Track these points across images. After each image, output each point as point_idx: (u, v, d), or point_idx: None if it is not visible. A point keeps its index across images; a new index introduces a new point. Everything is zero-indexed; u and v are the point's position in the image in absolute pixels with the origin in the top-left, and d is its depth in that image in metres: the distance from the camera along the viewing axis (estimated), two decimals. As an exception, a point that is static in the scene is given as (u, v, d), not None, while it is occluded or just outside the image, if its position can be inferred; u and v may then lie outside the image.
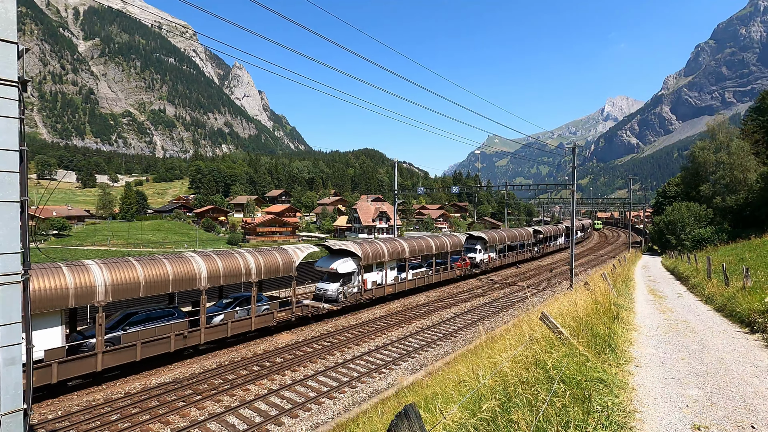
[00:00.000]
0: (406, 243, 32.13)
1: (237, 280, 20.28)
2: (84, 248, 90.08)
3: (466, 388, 6.29)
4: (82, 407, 14.07)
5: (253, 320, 20.94)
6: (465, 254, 41.94)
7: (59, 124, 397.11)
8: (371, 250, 28.50)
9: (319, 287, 26.84)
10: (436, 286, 36.62)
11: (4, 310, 6.64)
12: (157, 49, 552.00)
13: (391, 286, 30.38)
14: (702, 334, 10.47)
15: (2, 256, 6.63)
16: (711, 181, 53.33)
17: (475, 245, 43.54)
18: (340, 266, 26.66)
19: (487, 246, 44.08)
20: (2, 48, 6.58)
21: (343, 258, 27.36)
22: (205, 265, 19.21)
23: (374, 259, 28.55)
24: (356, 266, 27.50)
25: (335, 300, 26.20)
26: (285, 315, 22.88)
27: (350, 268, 27.09)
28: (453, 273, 37.80)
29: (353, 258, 27.64)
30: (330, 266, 26.69)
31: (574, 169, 33.08)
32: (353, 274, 27.53)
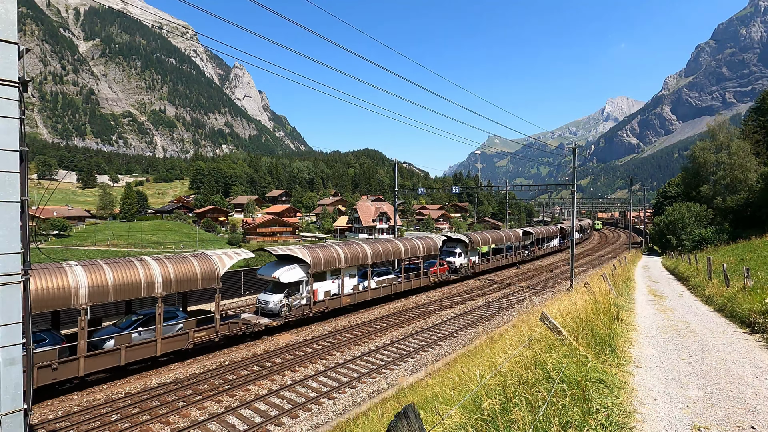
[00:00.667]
0: (369, 247, 28.71)
1: (134, 294, 16.57)
2: (84, 248, 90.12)
3: (466, 389, 6.30)
4: (83, 407, 14.07)
5: (159, 343, 17.22)
6: (443, 258, 39.11)
7: (60, 124, 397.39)
8: (323, 256, 25.11)
9: (260, 299, 23.45)
10: (406, 294, 32.94)
11: (4, 310, 6.65)
12: (158, 49, 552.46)
13: (349, 297, 26.86)
14: (702, 334, 10.46)
15: (2, 256, 6.64)
16: (711, 181, 53.29)
17: (455, 248, 40.37)
18: (283, 275, 23.03)
19: (468, 249, 40.91)
20: (3, 48, 6.59)
21: (288, 265, 23.81)
22: (87, 277, 15.26)
23: (327, 265, 25.22)
24: (304, 274, 23.95)
25: (277, 314, 22.71)
26: (205, 335, 18.92)
27: (296, 277, 23.56)
28: (426, 280, 34.37)
29: (301, 265, 24.06)
30: (272, 275, 23.16)
31: (574, 169, 33.08)
32: (301, 283, 24.04)
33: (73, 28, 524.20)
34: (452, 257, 39.96)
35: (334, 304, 25.83)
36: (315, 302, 24.56)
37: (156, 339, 17.24)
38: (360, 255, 27.67)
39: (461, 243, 40.78)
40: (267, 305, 22.84)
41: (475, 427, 4.50)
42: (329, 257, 25.51)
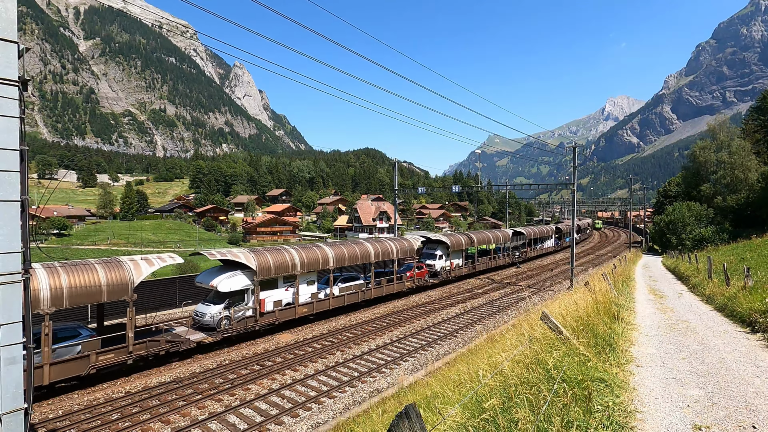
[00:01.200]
0: (332, 250, 25.81)
1: None
2: (84, 248, 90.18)
3: (467, 388, 6.29)
4: (83, 406, 14.08)
5: (47, 369, 14.27)
6: (423, 261, 36.95)
7: (60, 123, 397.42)
8: (273, 261, 22.25)
9: (197, 311, 20.82)
10: (377, 302, 30.06)
11: (4, 309, 6.65)
12: (158, 48, 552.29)
13: (306, 306, 23.95)
14: (703, 334, 10.46)
15: (3, 255, 6.64)
16: (712, 180, 53.27)
17: (435, 251, 37.79)
18: (222, 282, 20.18)
19: (449, 251, 38.21)
20: (3, 47, 6.58)
21: (229, 271, 20.97)
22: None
23: (278, 271, 22.39)
24: (249, 282, 21.10)
25: (214, 328, 19.88)
26: (113, 357, 16.10)
27: (239, 285, 20.69)
28: (401, 285, 31.48)
29: (245, 271, 21.16)
30: (210, 282, 20.39)
31: (574, 168, 33.06)
32: (245, 292, 21.25)
33: (73, 27, 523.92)
34: (432, 260, 37.28)
35: (287, 314, 22.82)
36: (262, 314, 21.68)
37: (43, 364, 14.19)
38: (319, 259, 24.76)
39: (442, 245, 38.27)
40: (203, 318, 20.14)
41: (476, 426, 4.50)
42: (281, 262, 22.58)
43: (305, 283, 24.63)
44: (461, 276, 40.64)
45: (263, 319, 21.75)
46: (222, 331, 19.65)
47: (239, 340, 21.21)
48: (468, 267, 41.22)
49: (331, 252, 25.78)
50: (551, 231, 66.39)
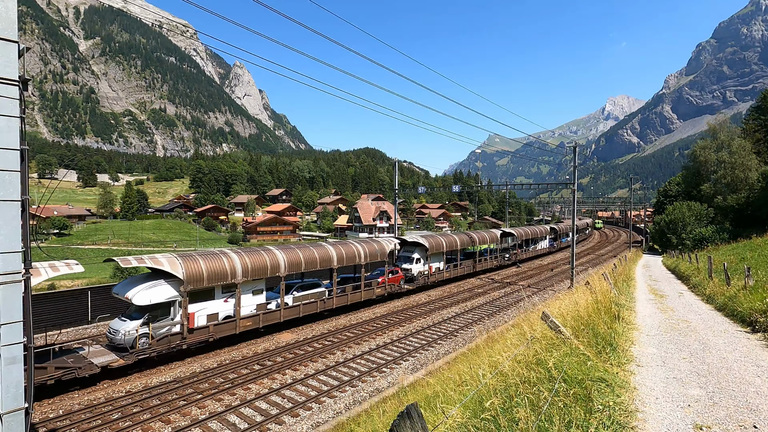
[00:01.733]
0: (284, 254, 22.90)
1: None
2: (85, 247, 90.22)
3: (468, 388, 6.29)
4: (83, 406, 14.09)
5: None
6: (399, 265, 34.40)
7: (60, 123, 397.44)
8: (207, 267, 19.12)
9: (111, 327, 17.70)
10: (340, 311, 27.19)
11: (5, 308, 6.65)
12: (158, 48, 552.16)
13: (250, 319, 21.00)
14: (703, 333, 10.45)
15: (3, 255, 6.64)
16: (712, 180, 53.25)
17: (412, 254, 34.99)
18: (139, 294, 17.20)
19: (428, 254, 35.33)
20: (3, 47, 6.57)
21: (150, 281, 18.02)
22: None
23: (214, 279, 19.40)
24: (175, 293, 18.18)
25: (129, 347, 16.84)
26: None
27: (161, 297, 17.77)
28: (371, 292, 28.65)
29: (170, 280, 18.22)
30: (125, 294, 17.32)
31: (575, 168, 33.04)
32: (170, 305, 18.27)
33: (73, 26, 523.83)
34: (409, 263, 34.53)
35: (225, 329, 19.95)
36: (192, 330, 18.74)
37: None
38: (267, 265, 21.74)
39: (420, 247, 35.40)
40: (116, 335, 17.10)
41: (477, 426, 4.49)
42: (217, 270, 19.53)
43: (250, 293, 21.51)
44: (441, 281, 37.56)
45: (193, 336, 18.68)
46: (137, 351, 16.76)
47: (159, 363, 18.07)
48: (449, 271, 38.28)
49: (283, 256, 22.77)
50: (545, 231, 63.44)
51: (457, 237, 39.96)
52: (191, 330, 18.75)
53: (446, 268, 38.11)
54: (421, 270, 35.01)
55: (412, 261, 34.69)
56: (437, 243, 36.42)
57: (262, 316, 21.57)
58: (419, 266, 34.90)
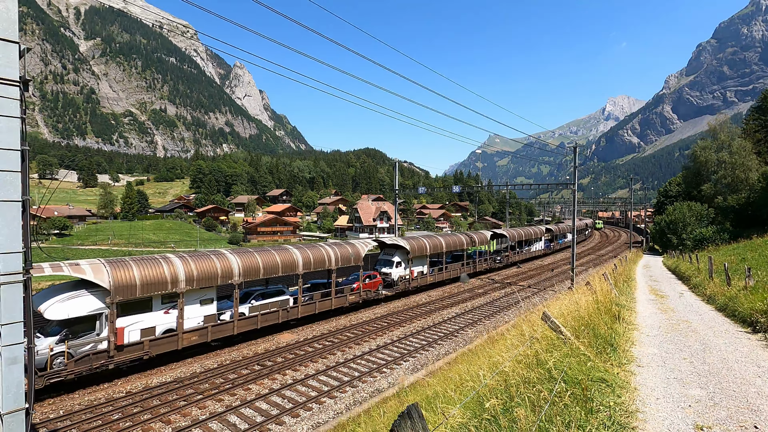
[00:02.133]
0: (239, 259, 20.53)
1: None
2: (85, 248, 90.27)
3: (468, 388, 6.29)
4: (84, 406, 14.09)
5: None
6: (378, 269, 32.60)
7: (60, 123, 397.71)
8: (141, 275, 16.81)
9: None
10: (310, 321, 24.96)
11: (6, 309, 6.65)
12: (158, 48, 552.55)
13: (196, 333, 18.61)
14: (704, 334, 10.45)
15: (4, 255, 6.65)
16: (712, 180, 53.23)
17: (392, 257, 32.80)
18: (53, 307, 14.93)
19: (410, 257, 32.76)
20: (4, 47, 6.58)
21: (71, 292, 15.83)
22: None
23: (150, 289, 17.03)
24: (101, 305, 15.89)
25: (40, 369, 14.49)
26: None
27: (82, 310, 15.53)
28: (343, 300, 26.25)
29: (93, 290, 15.95)
30: (38, 307, 14.93)
31: (575, 168, 33.03)
32: (96, 318, 16.03)
33: (73, 27, 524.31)
34: (388, 267, 32.35)
35: (164, 345, 17.55)
36: (121, 346, 16.23)
37: None
38: (217, 272, 19.32)
39: (400, 250, 33.13)
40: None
41: (477, 426, 4.49)
42: (153, 278, 17.14)
43: (197, 303, 19.14)
44: (424, 286, 35.15)
45: (123, 354, 16.25)
46: (48, 374, 14.14)
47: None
48: (434, 275, 35.78)
49: (237, 262, 20.33)
50: (540, 233, 60.55)
51: (442, 239, 37.30)
52: (120, 347, 16.19)
53: (431, 272, 35.67)
54: (402, 274, 32.68)
55: (392, 264, 32.42)
56: (420, 245, 33.93)
57: (211, 328, 19.14)
58: (400, 270, 32.66)
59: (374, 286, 29.69)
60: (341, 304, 26.29)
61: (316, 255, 24.68)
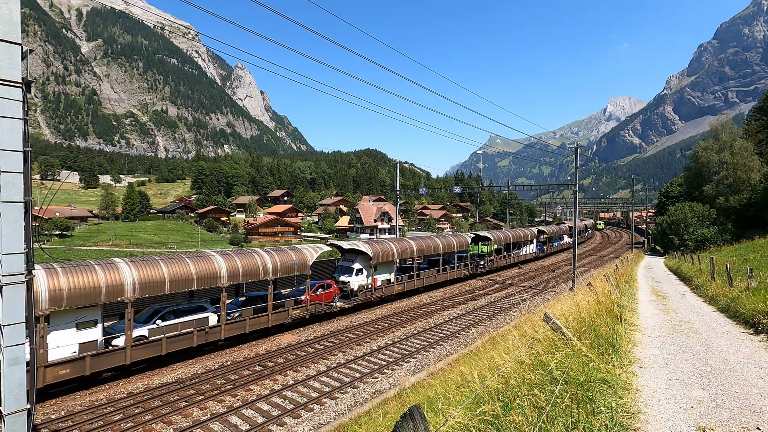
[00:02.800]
0: (134, 271, 16.57)
1: None
2: (87, 248, 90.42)
3: (469, 389, 6.28)
4: (85, 407, 14.11)
5: None
6: (337, 276, 29.08)
7: (62, 124, 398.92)
8: None
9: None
10: (240, 341, 21.13)
11: (8, 310, 6.67)
12: (160, 49, 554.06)
13: (67, 366, 14.71)
14: (706, 335, 10.42)
15: (6, 256, 6.66)
16: (714, 181, 53.12)
17: (352, 263, 28.96)
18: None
19: (373, 264, 28.89)
20: (6, 49, 6.61)
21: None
22: None
23: None
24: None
25: None
26: None
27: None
28: (282, 316, 22.26)
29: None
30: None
31: (576, 169, 33.02)
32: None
33: (75, 28, 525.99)
34: (348, 275, 28.54)
35: None
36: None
37: None
38: (100, 288, 15.51)
39: (362, 255, 29.35)
40: None
41: (478, 427, 4.49)
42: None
43: (72, 327, 15.41)
44: (390, 296, 31.40)
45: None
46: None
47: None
48: (403, 284, 31.87)
49: (131, 274, 16.43)
50: (531, 235, 56.11)
51: (413, 242, 33.69)
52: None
53: (400, 280, 31.97)
54: (363, 283, 28.82)
55: (351, 272, 28.47)
56: (385, 250, 29.92)
57: (90, 359, 15.11)
58: (361, 278, 28.74)
59: (328, 298, 26.20)
60: (281, 321, 22.33)
61: (247, 263, 20.77)
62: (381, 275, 30.23)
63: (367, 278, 29.17)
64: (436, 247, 36.00)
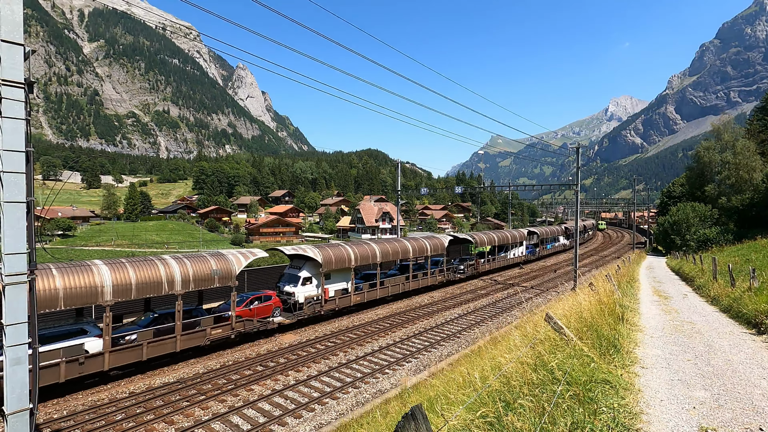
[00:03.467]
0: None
1: None
2: (89, 249, 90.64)
3: (471, 389, 6.28)
4: (87, 407, 14.14)
5: None
6: (281, 286, 25.04)
7: (64, 125, 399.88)
8: None
9: None
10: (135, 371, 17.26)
11: (10, 310, 6.68)
12: (161, 50, 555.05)
13: None
14: (708, 335, 10.39)
15: (9, 256, 6.67)
16: (716, 181, 53.01)
17: (298, 272, 25.02)
18: None
19: (322, 271, 24.93)
20: (9, 50, 6.62)
21: None
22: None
23: None
24: None
25: None
26: None
27: None
28: (200, 337, 18.67)
29: None
30: None
31: (578, 169, 32.96)
32: None
33: (77, 29, 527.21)
34: (292, 285, 24.55)
35: None
36: None
37: None
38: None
39: (311, 263, 25.35)
40: None
41: (480, 428, 4.48)
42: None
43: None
44: (345, 309, 27.11)
45: None
46: None
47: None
48: (362, 294, 27.82)
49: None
50: (520, 237, 51.51)
51: (376, 246, 29.39)
52: None
53: (359, 289, 28.19)
54: (311, 294, 24.84)
55: (297, 281, 24.55)
56: (339, 256, 26.10)
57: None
58: (308, 288, 24.83)
59: (265, 312, 22.24)
60: (196, 344, 18.53)
61: (144, 274, 16.91)
62: (334, 284, 26.39)
63: (316, 288, 25.27)
64: (405, 251, 31.91)
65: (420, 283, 33.52)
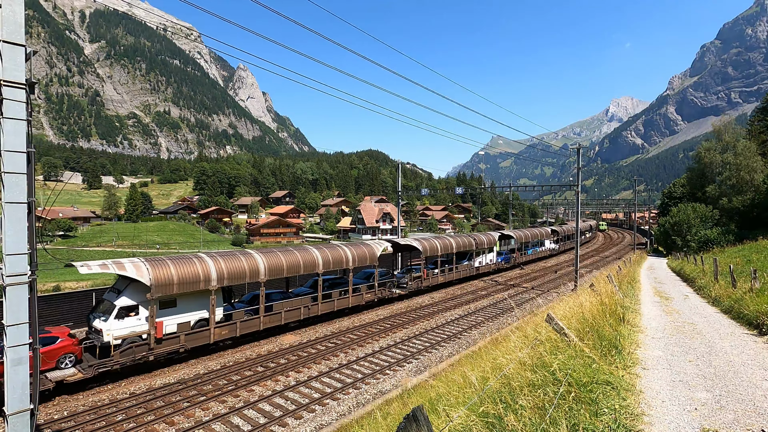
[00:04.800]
0: None
1: None
2: (90, 249, 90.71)
3: (472, 390, 6.26)
4: (88, 407, 14.14)
5: None
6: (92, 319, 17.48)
7: (65, 125, 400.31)
8: None
9: None
10: None
11: (11, 310, 6.68)
12: (162, 51, 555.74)
13: None
14: (709, 336, 10.37)
15: (10, 257, 6.67)
16: (717, 182, 52.96)
17: (115, 298, 17.33)
18: None
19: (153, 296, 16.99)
20: (11, 51, 6.63)
21: None
22: None
23: None
24: None
25: None
26: None
27: None
28: None
29: None
30: None
31: (578, 169, 32.94)
32: None
33: (78, 30, 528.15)
34: (104, 318, 16.82)
35: None
36: None
37: None
38: None
39: (135, 284, 17.48)
40: None
41: (481, 429, 4.47)
42: None
43: None
44: (198, 348, 19.19)
45: None
46: None
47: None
48: (232, 326, 19.98)
49: None
50: (489, 242, 43.51)
51: (260, 258, 21.29)
52: None
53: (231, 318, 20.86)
54: (132, 332, 17.06)
55: (110, 312, 16.83)
56: (188, 274, 18.09)
57: None
58: (130, 322, 17.08)
59: (50, 358, 15.06)
60: None
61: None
62: (178, 315, 18.47)
63: (141, 321, 17.34)
64: (312, 264, 23.20)
65: (336, 305, 25.40)
